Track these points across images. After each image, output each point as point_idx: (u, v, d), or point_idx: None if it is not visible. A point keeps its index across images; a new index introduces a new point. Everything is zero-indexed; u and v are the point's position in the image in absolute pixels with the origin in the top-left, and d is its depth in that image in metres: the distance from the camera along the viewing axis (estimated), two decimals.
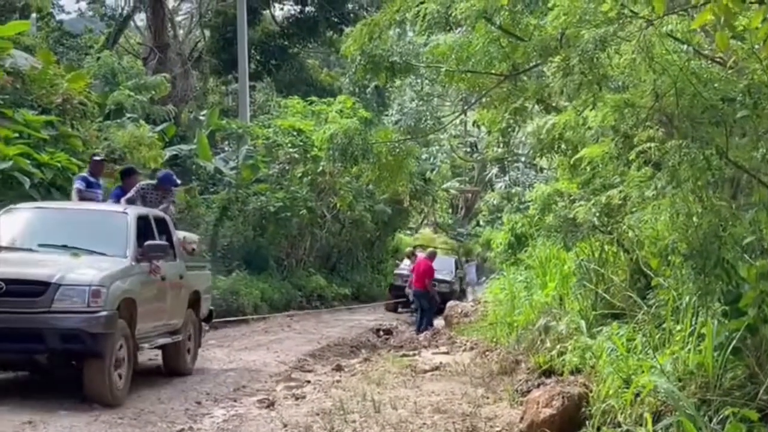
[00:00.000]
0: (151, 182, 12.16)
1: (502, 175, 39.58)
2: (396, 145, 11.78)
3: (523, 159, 31.62)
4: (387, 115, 25.88)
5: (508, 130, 11.33)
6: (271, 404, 9.17)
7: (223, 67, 34.81)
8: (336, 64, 40.16)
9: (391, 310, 26.09)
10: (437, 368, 11.92)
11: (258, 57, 35.36)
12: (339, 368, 12.37)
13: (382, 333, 18.64)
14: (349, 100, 24.13)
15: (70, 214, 10.40)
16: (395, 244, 37.23)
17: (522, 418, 7.71)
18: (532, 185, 21.98)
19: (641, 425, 5.91)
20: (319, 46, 38.89)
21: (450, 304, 20.40)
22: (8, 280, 8.28)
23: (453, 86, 11.50)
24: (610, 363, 7.13)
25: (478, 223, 47.22)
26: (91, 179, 11.93)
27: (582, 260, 10.40)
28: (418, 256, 21.43)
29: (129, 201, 11.34)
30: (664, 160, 6.16)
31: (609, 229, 8.98)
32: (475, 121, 16.62)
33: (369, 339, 17.52)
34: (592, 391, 7.37)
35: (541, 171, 24.08)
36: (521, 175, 34.63)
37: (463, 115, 16.39)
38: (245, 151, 24.50)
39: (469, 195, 49.39)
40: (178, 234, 11.43)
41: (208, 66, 35.69)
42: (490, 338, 13.86)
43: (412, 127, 12.67)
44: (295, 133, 24.47)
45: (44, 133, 14.30)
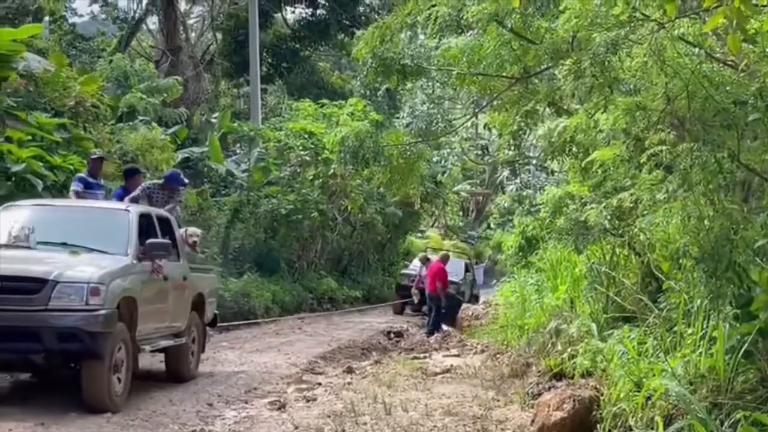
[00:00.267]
0: (158, 181, 11.85)
1: (513, 178, 39.63)
2: (407, 147, 11.77)
3: (534, 162, 31.55)
4: (398, 118, 25.83)
5: (519, 132, 11.30)
6: (282, 406, 9.19)
7: (235, 69, 34.88)
8: (347, 67, 40.20)
9: (398, 312, 25.98)
10: (448, 371, 11.93)
11: (269, 60, 35.48)
12: (350, 370, 12.38)
13: (392, 335, 18.63)
14: (361, 102, 24.11)
15: (70, 212, 10.03)
16: (406, 247, 37.23)
17: (533, 421, 7.73)
18: (543, 188, 21.95)
19: (652, 429, 5.91)
20: (330, 49, 38.98)
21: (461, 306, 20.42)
22: (4, 277, 8.01)
23: (464, 89, 11.47)
24: (621, 366, 7.14)
25: (489, 226, 47.27)
26: (90, 179, 11.42)
27: (593, 263, 10.40)
28: (432, 260, 21.46)
29: (133, 200, 10.94)
30: (676, 163, 6.14)
31: (620, 232, 8.96)
32: (486, 124, 16.59)
33: (380, 341, 17.52)
34: (603, 395, 7.38)
35: (552, 174, 24.05)
36: (532, 178, 34.60)
37: (474, 117, 16.36)
38: (257, 154, 24.51)
39: (480, 198, 49.45)
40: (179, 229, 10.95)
41: (220, 69, 35.79)
42: (501, 341, 13.89)
43: (423, 130, 12.62)
44: (306, 136, 24.52)
45: (57, 136, 14.33)
